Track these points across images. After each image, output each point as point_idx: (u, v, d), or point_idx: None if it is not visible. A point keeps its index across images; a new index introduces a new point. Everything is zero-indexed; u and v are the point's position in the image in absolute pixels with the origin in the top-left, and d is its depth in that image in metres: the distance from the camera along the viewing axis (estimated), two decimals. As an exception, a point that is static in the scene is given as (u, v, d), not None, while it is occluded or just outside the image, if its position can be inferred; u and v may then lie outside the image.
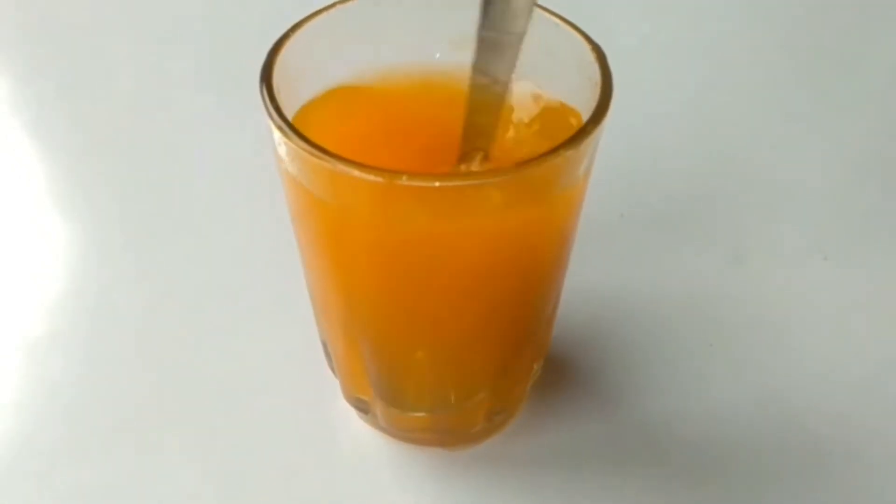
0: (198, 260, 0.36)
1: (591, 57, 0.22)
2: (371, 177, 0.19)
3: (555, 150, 0.20)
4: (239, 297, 0.34)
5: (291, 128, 0.20)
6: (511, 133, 0.23)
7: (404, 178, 0.18)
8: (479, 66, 0.21)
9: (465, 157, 0.22)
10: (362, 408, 0.28)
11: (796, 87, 0.47)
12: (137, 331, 0.33)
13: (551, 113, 0.24)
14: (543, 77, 0.24)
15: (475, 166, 0.22)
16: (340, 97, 0.24)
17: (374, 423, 0.29)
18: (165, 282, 0.35)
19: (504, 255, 0.22)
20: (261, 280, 0.35)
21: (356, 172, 0.19)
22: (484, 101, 0.21)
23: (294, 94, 0.22)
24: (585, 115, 0.22)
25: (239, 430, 0.29)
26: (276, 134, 0.20)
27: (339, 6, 0.23)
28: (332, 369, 0.29)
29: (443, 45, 0.25)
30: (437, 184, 0.19)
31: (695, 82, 0.46)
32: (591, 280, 0.33)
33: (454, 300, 0.23)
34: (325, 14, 0.23)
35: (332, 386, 0.30)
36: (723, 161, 0.41)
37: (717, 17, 0.52)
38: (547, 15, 0.23)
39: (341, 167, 0.19)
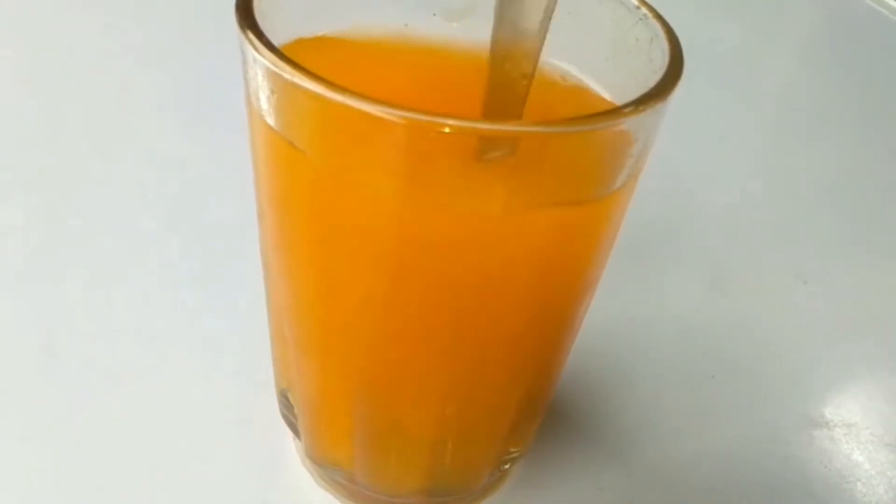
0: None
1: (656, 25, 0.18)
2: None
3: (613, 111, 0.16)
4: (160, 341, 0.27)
5: (290, 62, 0.14)
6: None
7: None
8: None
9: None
10: (336, 469, 0.22)
11: (769, 112, 0.46)
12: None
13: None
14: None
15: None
16: (315, 49, 0.19)
17: (346, 491, 0.23)
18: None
19: (551, 247, 0.17)
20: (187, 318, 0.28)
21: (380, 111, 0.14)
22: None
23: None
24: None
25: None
26: (264, 75, 0.15)
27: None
28: (292, 426, 0.23)
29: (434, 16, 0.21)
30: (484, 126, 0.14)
31: (671, 111, 0.44)
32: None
33: (497, 307, 0.17)
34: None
35: (284, 447, 0.24)
36: (697, 187, 0.39)
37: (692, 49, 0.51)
38: None
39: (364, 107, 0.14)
